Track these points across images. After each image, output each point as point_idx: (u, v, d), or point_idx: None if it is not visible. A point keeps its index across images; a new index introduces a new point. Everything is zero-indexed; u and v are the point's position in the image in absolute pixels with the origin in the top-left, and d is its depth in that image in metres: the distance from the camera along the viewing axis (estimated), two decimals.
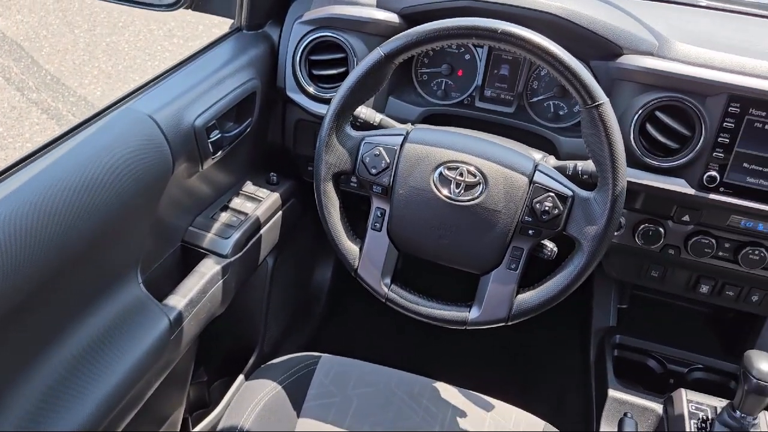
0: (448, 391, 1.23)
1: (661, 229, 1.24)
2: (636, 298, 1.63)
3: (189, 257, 1.25)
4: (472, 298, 1.07)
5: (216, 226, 1.28)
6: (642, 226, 1.25)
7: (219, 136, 1.19)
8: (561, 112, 1.29)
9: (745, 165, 1.12)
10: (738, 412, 1.12)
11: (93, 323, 1.01)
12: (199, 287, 1.18)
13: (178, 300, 1.14)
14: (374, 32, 1.26)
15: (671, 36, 1.18)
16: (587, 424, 1.41)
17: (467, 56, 1.32)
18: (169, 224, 1.20)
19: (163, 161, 1.05)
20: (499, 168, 1.02)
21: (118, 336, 1.03)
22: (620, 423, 1.25)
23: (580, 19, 1.16)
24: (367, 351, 1.92)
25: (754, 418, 1.12)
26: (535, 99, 1.30)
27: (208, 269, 1.22)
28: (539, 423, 1.18)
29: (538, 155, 1.10)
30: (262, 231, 1.35)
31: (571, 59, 0.96)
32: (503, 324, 1.06)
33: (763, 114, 1.09)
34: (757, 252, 1.21)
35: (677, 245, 1.26)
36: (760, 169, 1.12)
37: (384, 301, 1.11)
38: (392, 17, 1.25)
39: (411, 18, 1.24)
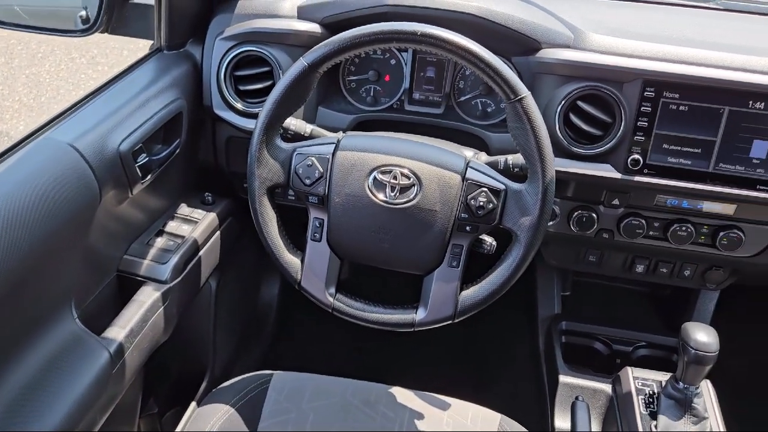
0: (404, 395, 1.23)
1: (593, 215, 1.28)
2: (578, 284, 1.68)
3: (126, 286, 1.21)
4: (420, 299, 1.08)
5: (152, 252, 1.24)
6: (576, 214, 1.29)
7: (147, 159, 1.16)
8: (489, 110, 1.31)
9: (665, 146, 1.17)
10: (681, 384, 1.16)
11: (27, 364, 0.96)
12: (138, 316, 1.14)
13: (117, 331, 1.10)
14: (297, 43, 1.25)
15: (586, 28, 1.22)
16: (542, 412, 1.43)
17: (393, 61, 1.34)
18: (102, 254, 1.16)
19: (88, 190, 1.02)
20: (432, 168, 1.03)
21: (56, 375, 0.99)
22: (572, 407, 1.28)
23: (498, 17, 1.18)
24: (322, 363, 1.91)
25: (697, 388, 1.16)
26: (462, 98, 1.33)
27: (147, 297, 1.18)
28: (495, 416, 1.19)
29: (469, 153, 1.11)
30: (200, 253, 1.32)
31: (491, 56, 0.98)
32: (450, 322, 1.07)
33: (677, 96, 1.14)
34: (684, 228, 1.26)
35: (610, 229, 1.30)
36: (679, 148, 1.17)
37: (330, 311, 1.10)
38: (314, 27, 1.25)
39: (332, 27, 1.24)
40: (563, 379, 1.38)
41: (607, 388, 1.34)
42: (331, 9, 1.25)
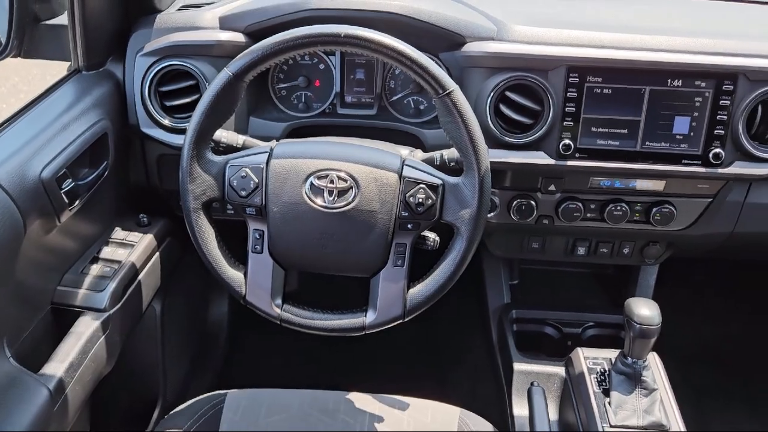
0: (362, 400, 1.22)
1: (532, 202, 1.30)
2: (525, 271, 1.70)
3: (63, 319, 1.16)
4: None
5: (88, 280, 1.19)
6: (515, 202, 1.31)
7: (73, 184, 1.11)
8: (421, 107, 1.32)
9: (593, 129, 1.20)
10: (629, 359, 1.19)
11: None
12: (78, 349, 1.10)
13: (56, 367, 1.05)
14: (222, 54, 1.23)
15: (509, 20, 1.24)
16: (502, 402, 1.44)
17: (321, 66, 1.33)
18: (33, 288, 1.11)
19: (10, 222, 0.97)
20: (368, 169, 1.02)
21: None
22: (529, 393, 1.29)
23: (421, 15, 1.19)
24: (279, 376, 1.88)
25: (644, 361, 1.20)
26: (394, 97, 1.33)
27: (85, 328, 1.14)
28: (455, 411, 1.19)
29: (405, 151, 1.11)
30: (140, 277, 1.28)
31: (416, 53, 0.98)
32: (401, 321, 1.07)
33: (600, 80, 1.17)
34: (619, 207, 1.29)
35: (550, 214, 1.32)
36: (607, 130, 1.20)
37: (278, 323, 1.08)
38: (237, 37, 1.23)
39: (256, 35, 1.22)
40: (518, 366, 1.40)
41: (560, 371, 1.36)
42: (253, 17, 1.23)
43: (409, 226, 1.03)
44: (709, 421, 1.77)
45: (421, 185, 1.02)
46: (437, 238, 1.09)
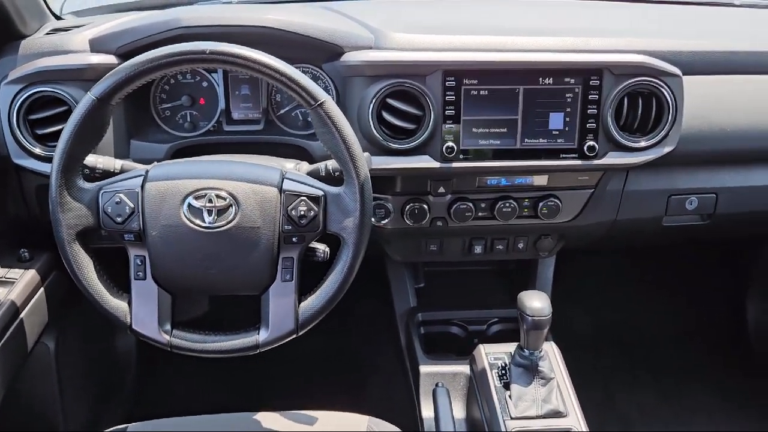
0: (269, 419, 1.20)
1: (425, 206, 1.32)
2: (430, 274, 1.72)
3: None
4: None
5: None
6: (408, 207, 1.32)
7: None
8: (309, 119, 1.32)
9: (474, 130, 1.23)
10: (526, 351, 1.22)
11: None
12: None
13: None
14: (94, 78, 1.17)
15: (387, 28, 1.26)
16: (412, 405, 1.45)
17: (205, 83, 1.30)
18: None
19: None
20: (247, 185, 1.01)
21: None
22: (433, 394, 1.31)
23: (296, 27, 1.19)
24: (194, 402, 1.82)
25: (540, 351, 1.23)
26: (282, 111, 1.32)
27: None
28: (363, 419, 1.19)
29: (289, 164, 1.11)
30: (22, 315, 1.21)
31: (285, 66, 0.98)
32: (295, 336, 1.06)
33: (476, 82, 1.20)
34: (508, 204, 1.33)
35: (443, 216, 1.34)
36: (487, 130, 1.23)
37: (169, 349, 1.05)
38: (109, 59, 1.20)
39: (129, 56, 1.17)
40: (424, 369, 1.41)
41: (465, 368, 1.38)
42: (124, 38, 1.20)
43: (294, 239, 1.03)
44: (617, 401, 1.85)
45: (302, 198, 1.01)
46: (327, 249, 1.09)
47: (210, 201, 0.99)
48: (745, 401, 1.85)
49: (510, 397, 1.21)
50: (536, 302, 1.19)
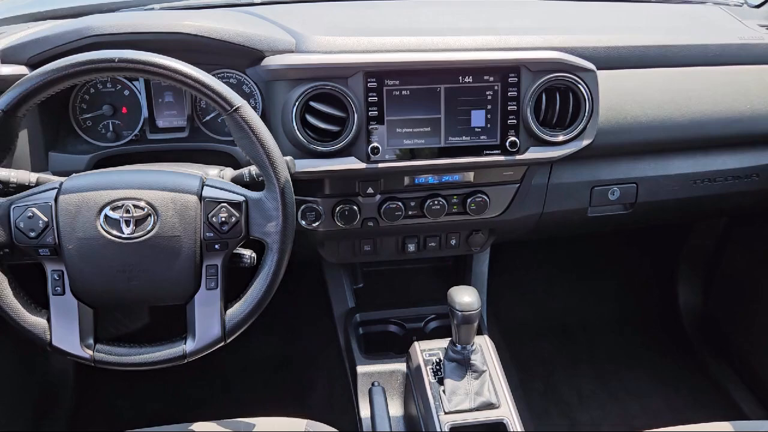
0: (206, 428, 1.19)
1: (355, 207, 1.32)
2: (369, 274, 1.73)
3: None
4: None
5: None
6: (338, 209, 1.32)
7: None
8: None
9: (398, 130, 1.24)
10: (458, 345, 1.24)
11: None
12: None
13: None
14: (5, 89, 1.15)
15: (308, 31, 1.26)
16: (352, 406, 1.46)
17: (126, 92, 1.28)
18: None
19: None
20: (166, 194, 1.00)
21: None
22: (369, 393, 1.31)
23: (214, 33, 1.18)
24: (135, 416, 1.79)
25: (472, 345, 1.25)
26: (207, 118, 1.31)
27: None
28: (301, 423, 1.19)
29: (213, 171, 1.10)
30: None
31: (199, 72, 0.97)
32: (223, 344, 1.05)
33: (397, 82, 1.22)
34: (437, 202, 1.34)
35: (373, 216, 1.35)
36: (411, 130, 1.24)
37: (93, 364, 1.02)
38: (21, 70, 1.16)
39: (41, 66, 1.16)
40: (361, 369, 1.42)
41: (402, 366, 1.39)
42: (34, 48, 1.16)
43: (216, 246, 1.02)
44: (558, 389, 1.89)
45: (223, 204, 1.00)
46: (254, 255, 1.08)
47: (127, 211, 0.98)
48: (679, 382, 1.92)
49: (444, 391, 1.22)
50: (465, 297, 1.21)
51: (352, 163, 1.24)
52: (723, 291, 1.98)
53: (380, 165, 1.25)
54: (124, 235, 0.98)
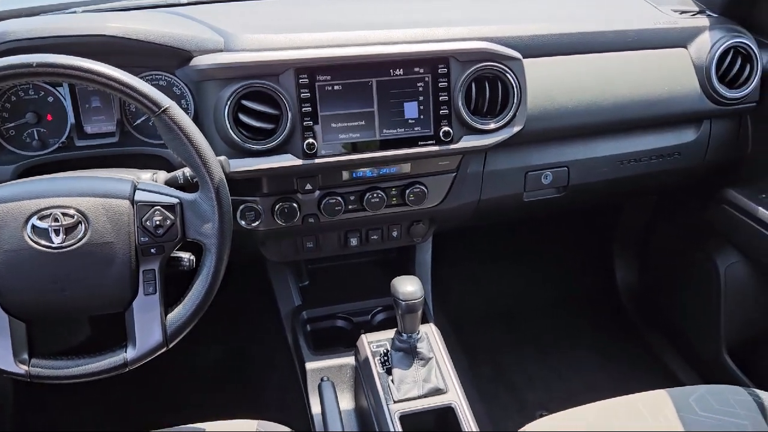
0: None
1: (294, 204, 1.32)
2: (314, 271, 1.73)
3: None
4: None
5: None
6: (278, 207, 1.32)
7: None
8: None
9: (333, 125, 1.24)
10: (404, 335, 1.26)
11: None
12: None
13: None
14: None
15: (238, 30, 1.25)
16: (304, 403, 1.46)
17: (50, 98, 1.24)
18: None
19: None
20: (96, 200, 0.97)
21: None
22: (319, 389, 1.32)
23: (138, 34, 1.16)
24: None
25: (417, 333, 1.27)
26: (138, 121, 1.28)
27: None
28: (252, 423, 1.18)
29: (146, 175, 1.08)
30: None
31: (122, 74, 0.95)
32: (165, 349, 1.03)
33: (329, 78, 1.22)
34: (376, 195, 1.36)
35: (314, 213, 1.35)
36: (346, 124, 1.25)
37: (29, 380, 0.99)
38: None
39: None
40: (310, 365, 1.42)
41: (350, 360, 1.40)
42: None
43: (152, 250, 1.00)
44: (506, 372, 1.94)
45: (156, 207, 0.99)
46: (192, 257, 1.07)
47: (56, 220, 0.95)
48: (620, 356, 1.99)
49: (392, 381, 1.24)
50: (408, 286, 1.23)
51: (288, 161, 1.23)
52: (655, 266, 2.07)
53: (317, 161, 1.25)
54: (54, 245, 0.95)
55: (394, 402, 1.20)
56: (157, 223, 0.99)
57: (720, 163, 1.61)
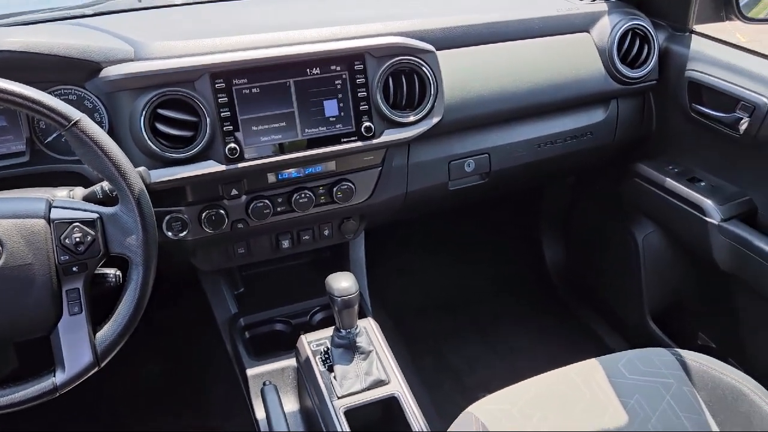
0: None
1: (221, 211, 1.31)
2: (249, 277, 1.72)
3: None
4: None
5: None
6: (204, 215, 1.30)
7: None
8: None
9: (254, 128, 1.24)
10: (342, 331, 1.27)
11: None
12: None
13: None
14: None
15: (147, 38, 1.22)
16: (248, 411, 1.44)
17: None
18: None
19: None
20: (9, 222, 0.94)
21: None
22: (262, 393, 1.31)
23: (41, 48, 1.12)
24: None
25: (356, 328, 1.28)
26: (49, 138, 1.24)
27: None
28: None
29: (61, 192, 1.05)
30: None
31: (26, 89, 0.92)
32: (97, 368, 1.00)
33: (245, 81, 1.21)
34: (303, 195, 1.36)
35: (242, 218, 1.34)
36: (267, 126, 1.25)
37: None
38: None
39: None
40: (251, 372, 1.41)
41: (293, 362, 1.40)
42: None
43: (74, 269, 0.97)
44: (448, 360, 1.98)
45: (75, 224, 0.96)
46: (119, 273, 1.04)
47: None
48: (555, 332, 2.07)
49: (335, 377, 1.25)
50: (342, 282, 1.24)
51: (211, 167, 1.22)
52: (579, 243, 2.16)
53: (240, 165, 1.24)
54: None
55: (338, 398, 1.21)
56: (77, 240, 0.96)
57: (629, 139, 1.70)
